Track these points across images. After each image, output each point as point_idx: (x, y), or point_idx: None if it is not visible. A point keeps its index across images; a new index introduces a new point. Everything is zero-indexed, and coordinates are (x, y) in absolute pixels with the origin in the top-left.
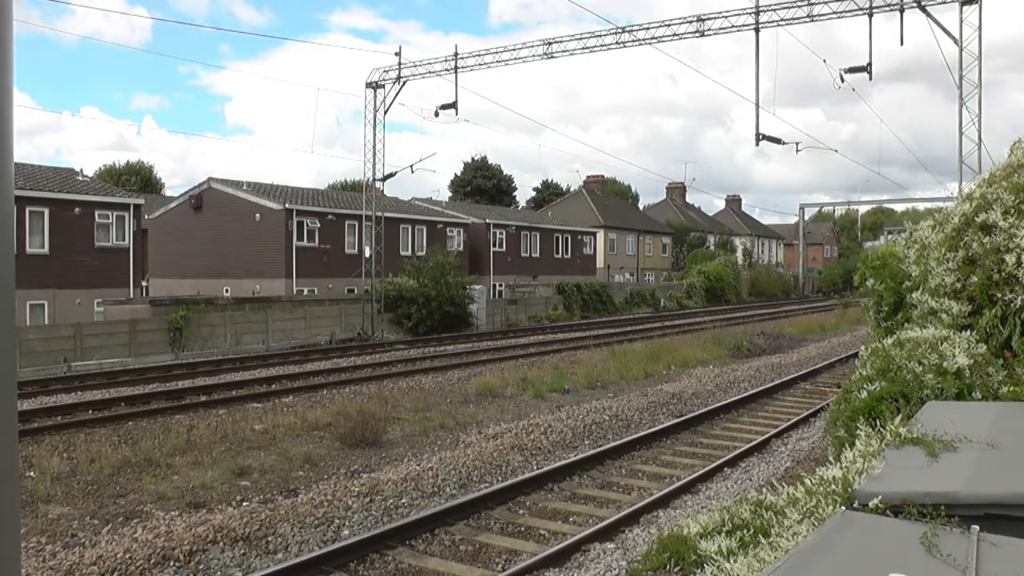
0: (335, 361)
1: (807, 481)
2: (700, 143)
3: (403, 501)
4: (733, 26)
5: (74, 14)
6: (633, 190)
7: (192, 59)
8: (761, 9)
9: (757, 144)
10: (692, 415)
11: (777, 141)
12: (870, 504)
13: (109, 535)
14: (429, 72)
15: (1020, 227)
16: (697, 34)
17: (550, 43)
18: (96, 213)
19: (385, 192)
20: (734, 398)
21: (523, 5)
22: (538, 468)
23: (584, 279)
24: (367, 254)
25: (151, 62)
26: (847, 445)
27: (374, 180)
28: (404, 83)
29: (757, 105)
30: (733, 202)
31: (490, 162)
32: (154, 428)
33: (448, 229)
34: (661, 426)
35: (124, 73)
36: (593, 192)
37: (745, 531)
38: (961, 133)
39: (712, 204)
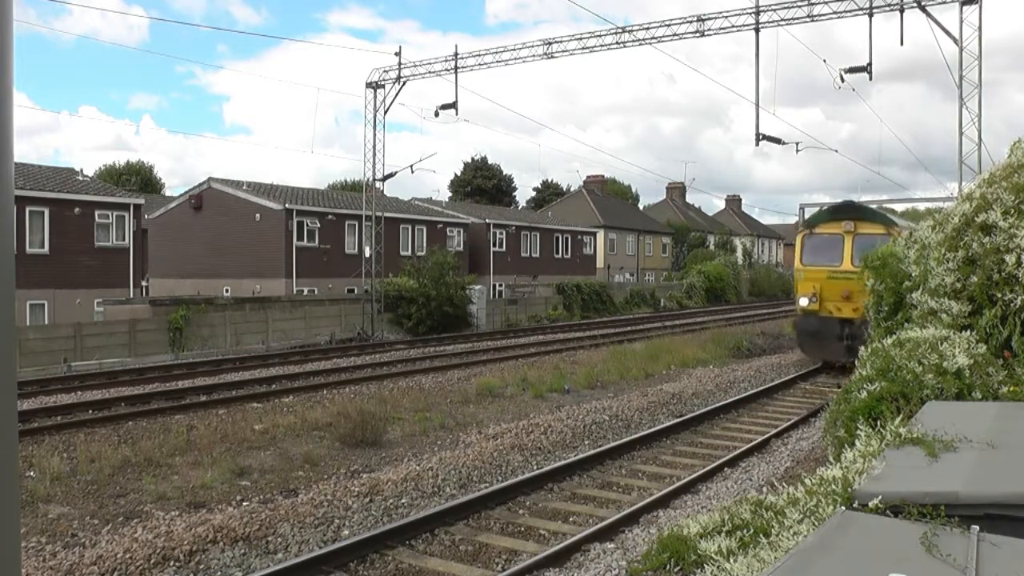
0: (335, 361)
1: (807, 481)
2: (699, 143)
3: (403, 501)
4: (733, 26)
5: (71, 13)
6: (633, 190)
7: (190, 59)
8: (761, 9)
9: (757, 144)
10: (692, 415)
11: (777, 141)
12: (870, 504)
13: (109, 535)
14: (429, 72)
15: (1020, 227)
16: (697, 34)
17: (550, 43)
18: (96, 213)
19: (385, 192)
20: (734, 398)
21: (520, 5)
22: (538, 468)
23: (584, 279)
24: (367, 254)
25: (149, 62)
26: (847, 445)
27: (374, 180)
28: (404, 83)
29: (757, 105)
30: (733, 202)
31: (490, 162)
32: (154, 428)
33: (448, 229)
34: (661, 426)
35: (122, 73)
36: (593, 192)
37: (745, 531)
38: (961, 133)
39: (712, 204)
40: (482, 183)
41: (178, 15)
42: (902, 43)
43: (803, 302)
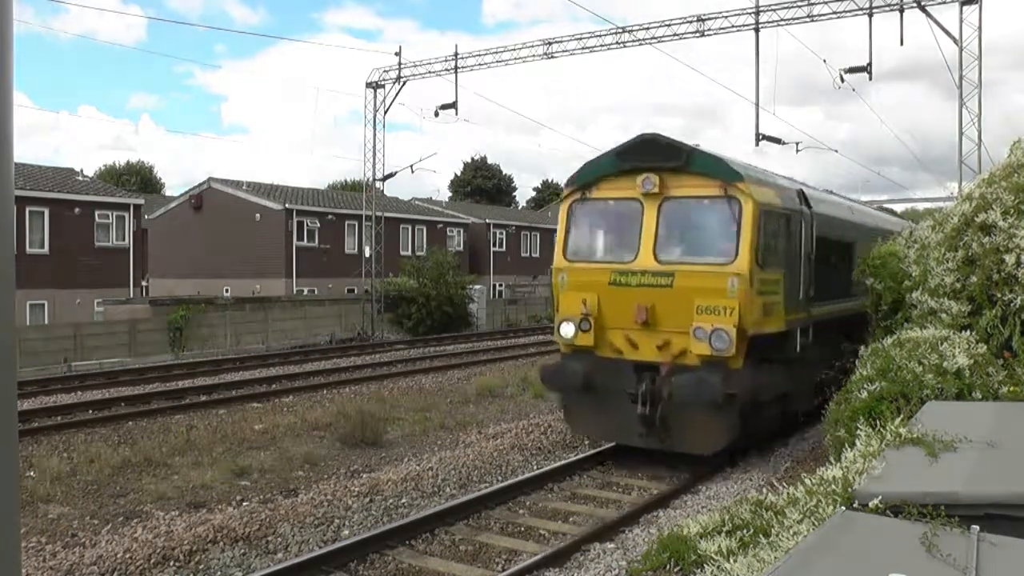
0: (335, 361)
1: (807, 481)
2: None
3: (403, 501)
4: (733, 26)
5: (69, 12)
6: None
7: (188, 58)
8: (761, 9)
9: (757, 144)
10: None
11: (777, 141)
12: (870, 504)
13: (109, 535)
14: (429, 72)
15: (1020, 227)
16: (697, 34)
17: (550, 43)
18: (96, 213)
19: (385, 192)
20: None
21: (518, 4)
22: (538, 468)
23: None
24: (367, 254)
25: (147, 61)
26: (847, 445)
27: (374, 180)
28: (404, 83)
29: (757, 105)
30: None
31: (490, 162)
32: (154, 428)
33: (448, 229)
34: None
35: (121, 72)
36: None
37: (745, 531)
38: (961, 133)
39: None
40: (482, 183)
41: (175, 15)
42: (902, 43)
43: (566, 331)
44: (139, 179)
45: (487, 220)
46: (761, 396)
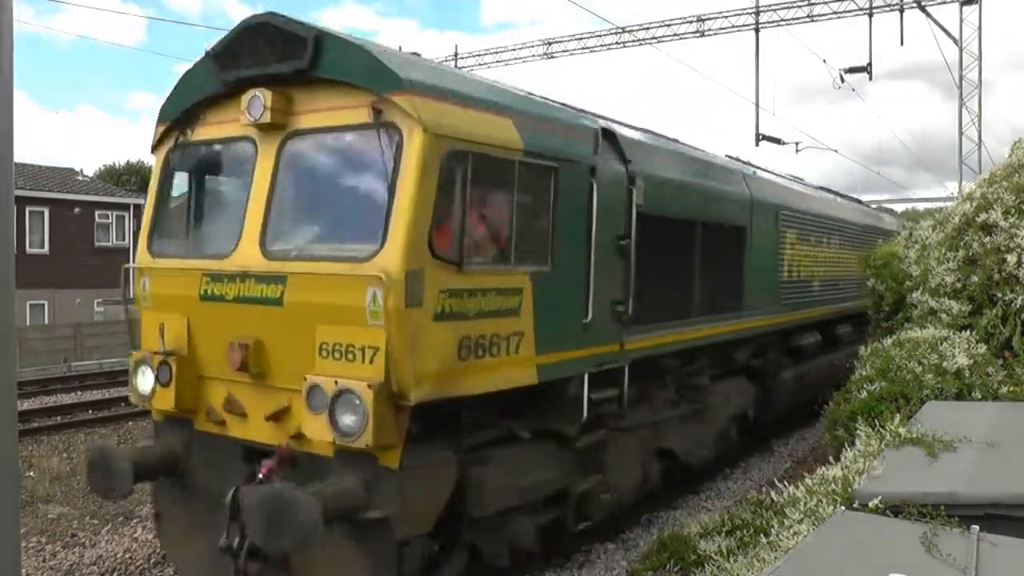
0: None
1: (807, 481)
2: (699, 143)
3: None
4: (733, 26)
5: (67, 11)
6: None
7: (188, 58)
8: (761, 9)
9: (757, 144)
10: None
11: (777, 141)
12: (870, 504)
13: (109, 535)
14: None
15: (1021, 227)
16: (697, 34)
17: (550, 43)
18: (96, 213)
19: None
20: None
21: (517, 4)
22: None
23: None
24: None
25: (147, 61)
26: (847, 445)
27: None
28: None
29: (757, 105)
30: None
31: None
32: None
33: None
34: None
35: (120, 72)
36: None
37: (745, 531)
38: (961, 133)
39: None
40: None
41: (175, 15)
42: (902, 43)
43: (141, 382)
44: (139, 179)
45: None
46: (479, 511)
